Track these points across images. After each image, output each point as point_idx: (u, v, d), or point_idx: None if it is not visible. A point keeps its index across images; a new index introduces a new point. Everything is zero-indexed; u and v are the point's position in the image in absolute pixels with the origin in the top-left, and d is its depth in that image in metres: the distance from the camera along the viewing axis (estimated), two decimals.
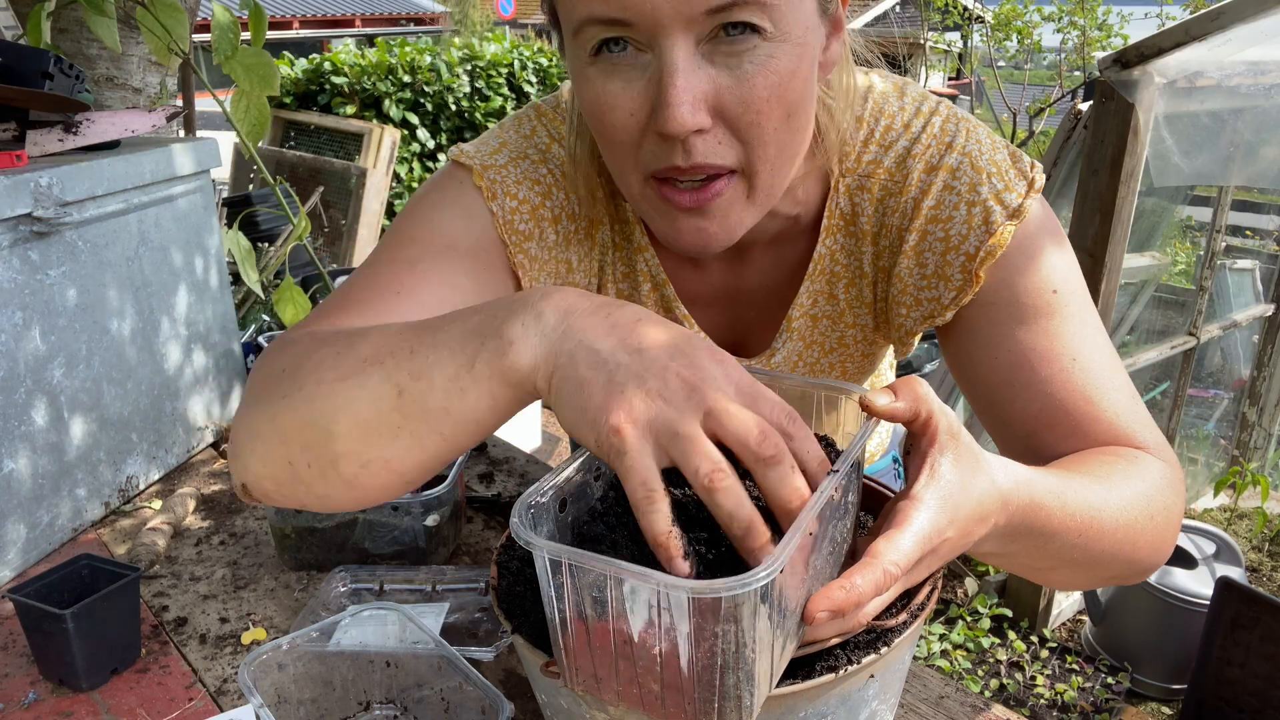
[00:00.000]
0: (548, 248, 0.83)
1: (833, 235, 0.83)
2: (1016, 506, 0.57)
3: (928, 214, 0.77)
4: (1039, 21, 6.57)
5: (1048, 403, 0.72)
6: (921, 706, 0.84)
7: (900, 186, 0.79)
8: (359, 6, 18.16)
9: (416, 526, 1.07)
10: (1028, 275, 0.74)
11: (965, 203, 0.75)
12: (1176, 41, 2.01)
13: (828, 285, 0.86)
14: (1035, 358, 0.73)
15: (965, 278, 0.76)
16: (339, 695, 0.83)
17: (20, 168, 1.08)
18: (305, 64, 6.12)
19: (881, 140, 0.79)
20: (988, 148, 0.77)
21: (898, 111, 0.79)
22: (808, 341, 0.90)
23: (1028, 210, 0.74)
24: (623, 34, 0.62)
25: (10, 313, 1.05)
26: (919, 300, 0.80)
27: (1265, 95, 2.40)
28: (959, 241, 0.76)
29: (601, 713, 0.55)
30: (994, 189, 0.75)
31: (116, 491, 1.24)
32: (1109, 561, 0.66)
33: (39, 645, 0.90)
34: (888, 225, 0.80)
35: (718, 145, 0.65)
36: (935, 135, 0.78)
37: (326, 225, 4.61)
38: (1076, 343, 0.73)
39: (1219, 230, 2.84)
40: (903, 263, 0.79)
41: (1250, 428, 3.36)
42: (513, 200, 0.80)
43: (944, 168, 0.76)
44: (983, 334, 0.76)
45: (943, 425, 0.53)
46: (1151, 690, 2.48)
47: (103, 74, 1.80)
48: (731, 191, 0.68)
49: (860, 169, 0.80)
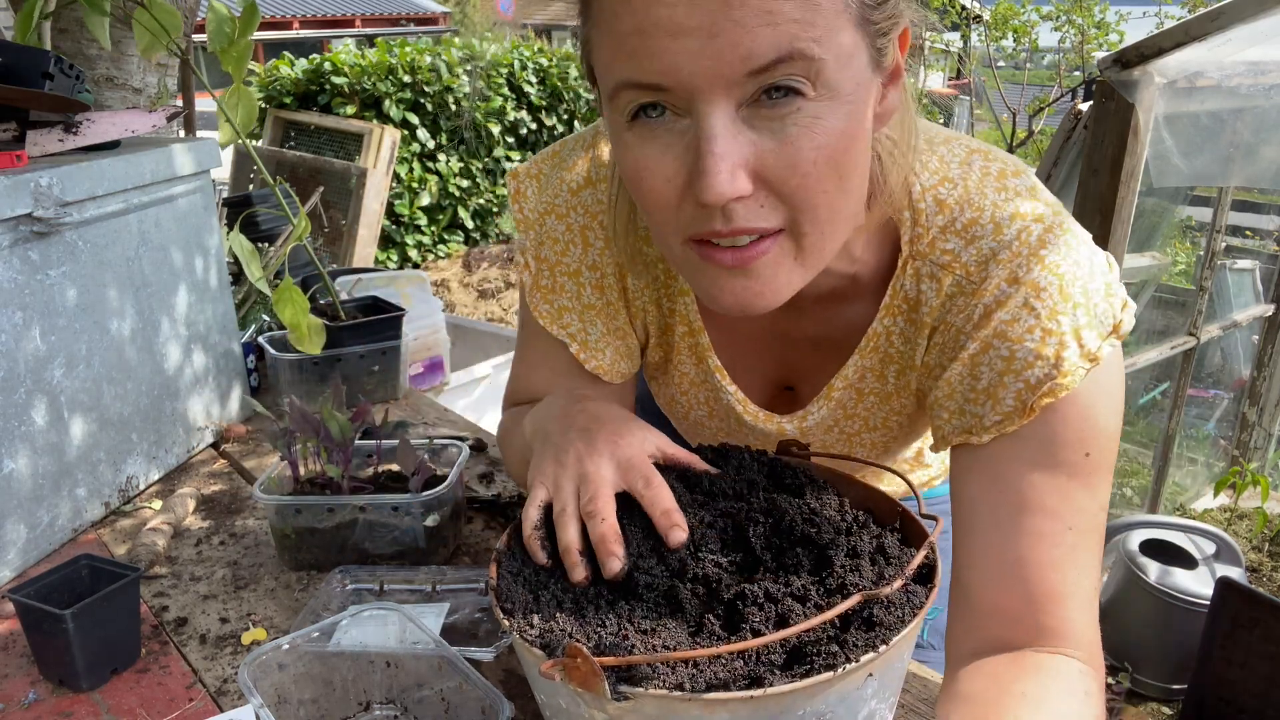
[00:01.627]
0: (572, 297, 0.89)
1: (893, 315, 0.78)
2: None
3: (998, 327, 0.70)
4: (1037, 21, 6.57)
5: (1021, 555, 0.69)
6: (922, 707, 0.84)
7: (975, 288, 0.72)
8: (359, 6, 18.16)
9: (416, 527, 1.07)
10: (1072, 429, 0.69)
11: (1042, 329, 0.68)
12: (1176, 41, 2.01)
13: (879, 364, 0.82)
14: (1035, 507, 0.69)
15: (1018, 406, 0.69)
16: (339, 695, 0.83)
17: (20, 168, 1.08)
18: (305, 64, 6.12)
19: (964, 233, 0.72)
20: (1084, 273, 0.69)
21: (990, 206, 0.72)
22: (848, 412, 0.86)
23: (1103, 357, 0.68)
24: (659, 99, 0.59)
25: (10, 313, 1.05)
26: (962, 411, 0.73)
27: (1265, 95, 2.40)
28: (1023, 367, 0.69)
29: (600, 712, 0.55)
30: (1076, 323, 0.68)
31: (116, 491, 1.24)
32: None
33: (39, 645, 0.90)
34: (949, 323, 0.74)
35: (760, 209, 0.61)
36: (1030, 245, 0.70)
37: (326, 225, 4.61)
38: (1080, 515, 0.69)
39: (1219, 230, 2.84)
40: (955, 369, 0.73)
41: (1250, 428, 3.36)
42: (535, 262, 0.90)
43: (1029, 283, 0.69)
44: (998, 463, 0.71)
45: None
46: (1151, 690, 2.48)
47: (103, 74, 1.80)
48: (778, 250, 0.64)
49: (933, 255, 0.74)
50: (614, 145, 0.66)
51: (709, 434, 0.98)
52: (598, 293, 0.89)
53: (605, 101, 0.64)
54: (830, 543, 0.65)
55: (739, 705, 0.53)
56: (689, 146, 0.60)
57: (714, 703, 0.52)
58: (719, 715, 0.53)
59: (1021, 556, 0.69)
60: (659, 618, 0.61)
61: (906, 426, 0.87)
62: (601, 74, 0.63)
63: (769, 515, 0.68)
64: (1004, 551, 0.70)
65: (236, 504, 1.26)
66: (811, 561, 0.64)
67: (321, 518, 1.06)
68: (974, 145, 0.77)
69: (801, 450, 0.80)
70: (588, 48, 0.66)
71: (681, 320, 0.88)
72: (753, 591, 0.61)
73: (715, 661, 0.56)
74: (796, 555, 0.64)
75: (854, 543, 0.65)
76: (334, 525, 1.06)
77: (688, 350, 0.90)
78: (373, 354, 1.52)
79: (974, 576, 0.71)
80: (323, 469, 1.10)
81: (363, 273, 2.36)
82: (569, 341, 0.90)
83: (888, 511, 0.72)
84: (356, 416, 1.10)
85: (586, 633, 0.59)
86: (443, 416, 1.55)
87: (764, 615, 0.59)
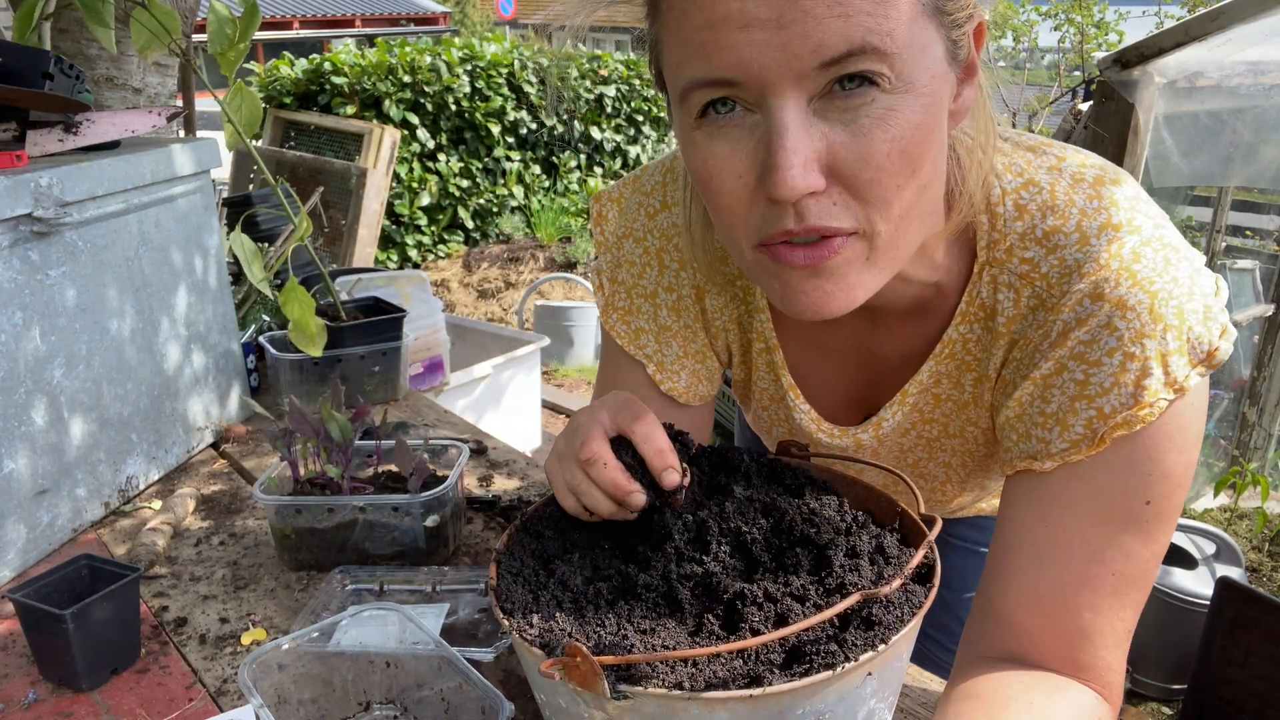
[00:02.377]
0: (649, 319, 0.90)
1: (969, 323, 0.75)
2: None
3: (1074, 348, 0.65)
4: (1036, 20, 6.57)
5: (1059, 591, 0.67)
6: (921, 711, 0.84)
7: (1054, 303, 0.67)
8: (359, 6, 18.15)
9: (416, 527, 1.07)
10: (1136, 470, 0.65)
11: (1124, 352, 0.63)
12: (1176, 41, 2.01)
13: (956, 370, 0.78)
14: (1079, 548, 0.66)
15: (1088, 435, 0.65)
16: (339, 695, 0.83)
17: (20, 168, 1.08)
18: (305, 64, 6.12)
19: (1046, 241, 0.68)
20: (1182, 292, 0.63)
21: (1077, 214, 0.67)
22: (925, 416, 0.83)
23: (1189, 388, 0.63)
24: (730, 94, 0.58)
25: (10, 313, 1.05)
26: (1028, 436, 0.69)
27: (1265, 95, 2.40)
28: (1097, 393, 0.64)
29: (600, 711, 0.55)
30: (1164, 348, 0.62)
31: (116, 491, 1.24)
32: None
33: (39, 645, 0.90)
34: (1027, 338, 0.70)
35: (833, 206, 0.59)
36: (1121, 259, 0.64)
37: (326, 225, 4.61)
38: (1128, 562, 0.66)
39: (1219, 230, 2.84)
40: (1025, 388, 0.69)
41: (1250, 428, 3.36)
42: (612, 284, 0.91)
43: (1114, 300, 0.64)
44: (1052, 493, 0.68)
45: None
46: (1151, 690, 2.48)
47: (103, 74, 1.80)
48: (849, 251, 0.61)
49: (1011, 264, 0.70)
50: (683, 147, 0.64)
51: None
52: (674, 315, 0.89)
53: (675, 104, 0.62)
54: (830, 543, 0.65)
55: (738, 704, 0.53)
56: (760, 142, 0.58)
57: (713, 701, 0.52)
58: (718, 714, 0.53)
59: (1058, 594, 0.67)
60: (658, 618, 0.61)
61: (985, 444, 0.83)
62: (671, 75, 0.62)
63: (768, 515, 0.68)
64: (1039, 584, 0.68)
65: (236, 504, 1.26)
66: (811, 561, 0.64)
67: (321, 518, 1.06)
68: (1070, 151, 0.72)
69: (801, 451, 0.80)
70: (656, 50, 0.64)
71: (759, 337, 0.87)
72: (752, 591, 0.61)
73: (714, 660, 0.56)
74: (796, 555, 0.64)
75: (853, 543, 0.65)
76: (334, 525, 1.06)
77: (765, 367, 0.89)
78: (373, 354, 1.52)
79: (1005, 599, 0.70)
80: (323, 469, 1.10)
81: (363, 273, 2.36)
82: (646, 362, 0.90)
83: (887, 511, 0.72)
84: (356, 417, 1.11)
85: (586, 632, 0.59)
86: (443, 418, 1.55)
87: (763, 615, 0.59)
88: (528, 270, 6.79)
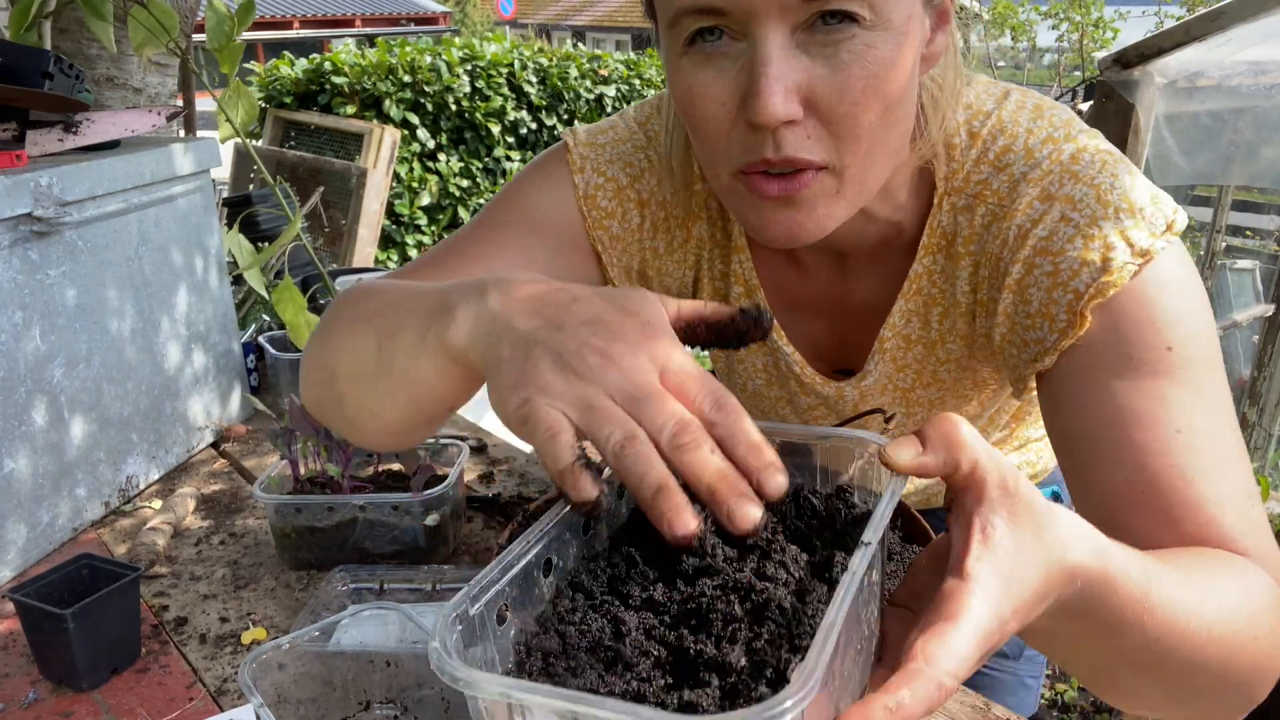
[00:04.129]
0: (630, 229, 0.85)
1: (931, 254, 0.77)
2: (1086, 580, 0.46)
3: (1036, 244, 0.68)
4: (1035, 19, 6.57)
5: (1137, 474, 0.62)
6: None
7: (1007, 211, 0.70)
8: (359, 6, 18.16)
9: (416, 526, 1.07)
10: (1140, 324, 0.64)
11: (1082, 236, 0.66)
12: (1176, 41, 2.01)
13: (922, 307, 0.80)
14: (1131, 419, 0.63)
15: (1069, 318, 0.66)
16: (339, 695, 0.83)
17: (20, 168, 1.08)
18: (305, 64, 6.12)
19: (996, 161, 0.72)
20: (1124, 183, 0.67)
21: (1024, 134, 0.71)
22: (899, 365, 0.84)
23: (1157, 252, 0.64)
24: (717, 23, 0.60)
25: (10, 313, 1.05)
26: (1025, 341, 0.70)
27: (1265, 95, 2.40)
28: (1068, 277, 0.66)
29: None
30: (1120, 225, 0.65)
31: (116, 491, 1.24)
32: (1191, 681, 0.55)
33: (39, 645, 0.90)
34: (988, 252, 0.72)
35: (807, 139, 0.62)
36: (1061, 162, 0.69)
37: (327, 225, 4.61)
38: (1186, 415, 0.62)
39: (1219, 230, 2.84)
40: (1006, 298, 0.71)
41: (1250, 428, 3.36)
42: (599, 176, 0.83)
43: (1063, 197, 0.68)
44: (1076, 381, 0.67)
45: (992, 477, 0.43)
46: None
47: (103, 74, 1.80)
48: (819, 185, 0.64)
49: (968, 189, 0.73)
50: (669, 74, 0.66)
51: (768, 404, 0.95)
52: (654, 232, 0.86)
53: (664, 31, 0.64)
54: None
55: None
56: (743, 69, 0.61)
57: None
58: None
59: (1138, 478, 0.62)
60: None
61: (959, 377, 0.83)
62: (661, 4, 0.64)
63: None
64: (1114, 477, 0.63)
65: (236, 504, 1.26)
66: None
67: (321, 517, 1.06)
68: (1015, 87, 0.76)
69: None
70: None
71: (738, 280, 0.86)
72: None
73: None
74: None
75: None
76: (334, 524, 1.06)
77: None
78: None
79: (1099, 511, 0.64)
80: (323, 468, 1.10)
81: (363, 273, 2.35)
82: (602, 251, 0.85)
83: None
84: None
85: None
86: None
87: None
88: None
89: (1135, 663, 0.53)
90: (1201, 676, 0.55)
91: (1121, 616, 0.48)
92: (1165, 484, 0.61)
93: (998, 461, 0.44)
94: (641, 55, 8.07)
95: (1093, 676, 0.57)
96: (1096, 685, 0.59)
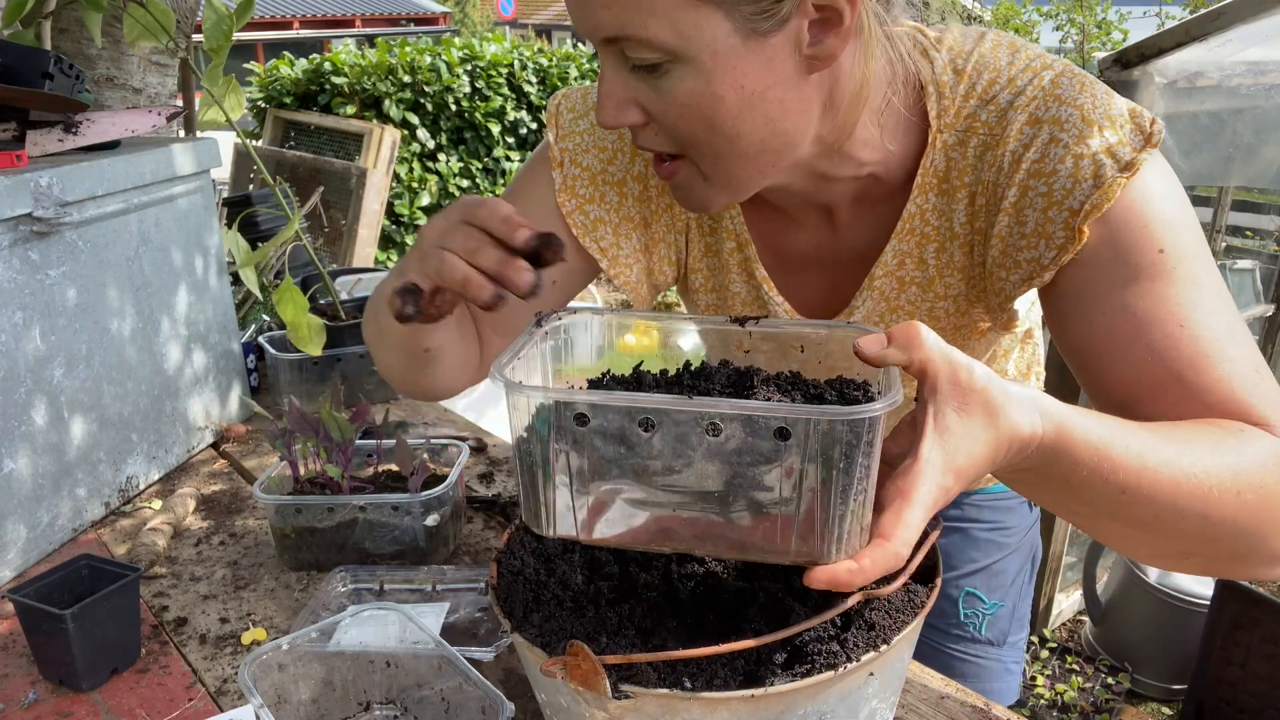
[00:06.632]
0: (611, 208, 0.91)
1: (925, 194, 0.81)
2: (1040, 446, 0.56)
3: (1030, 168, 0.72)
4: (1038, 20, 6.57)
5: (1147, 371, 0.68)
6: (922, 707, 0.84)
7: (999, 139, 0.74)
8: (359, 6, 18.15)
9: (416, 526, 1.07)
10: (1133, 232, 0.69)
11: (1072, 155, 0.70)
12: (1177, 41, 2.01)
13: (917, 247, 0.83)
14: (1136, 321, 0.68)
15: (1067, 234, 0.71)
16: (339, 695, 0.83)
17: (20, 168, 1.08)
18: (305, 64, 6.12)
19: (984, 94, 0.76)
20: (1103, 102, 0.71)
21: (1005, 66, 0.76)
22: (891, 305, 0.87)
23: (1141, 164, 0.69)
24: None
25: (10, 313, 1.05)
26: (1018, 262, 0.75)
27: (1265, 95, 2.40)
28: (1063, 196, 0.71)
29: (601, 710, 0.55)
30: (1105, 142, 0.70)
31: (116, 491, 1.24)
32: (1175, 528, 0.62)
33: (39, 645, 0.90)
34: (984, 181, 0.76)
35: (655, 136, 0.72)
36: (1044, 88, 0.73)
37: (327, 225, 4.61)
38: (1186, 309, 0.67)
39: (1219, 230, 2.84)
40: (1001, 221, 0.75)
41: None
42: (575, 168, 0.91)
43: (1050, 120, 0.72)
44: (1081, 295, 0.71)
45: (944, 372, 0.54)
46: (1151, 690, 2.48)
47: (103, 74, 1.80)
48: (685, 172, 0.74)
49: (959, 124, 0.77)
50: None
51: None
52: (640, 205, 0.92)
53: None
54: None
55: (740, 704, 0.53)
56: None
57: (715, 701, 0.52)
58: (720, 714, 0.53)
59: (1151, 372, 0.67)
60: (659, 617, 0.61)
61: (959, 320, 0.86)
62: None
63: None
64: (1129, 375, 0.69)
65: (236, 504, 1.26)
66: None
67: (321, 517, 1.06)
68: (989, 29, 0.81)
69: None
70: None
71: (729, 235, 0.91)
72: (752, 590, 0.61)
73: (715, 660, 0.56)
74: None
75: None
76: (334, 525, 1.06)
77: (738, 267, 0.92)
78: None
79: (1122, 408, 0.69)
80: (323, 469, 1.10)
81: (363, 273, 2.36)
82: (599, 257, 0.92)
83: None
84: (356, 416, 1.11)
85: (587, 631, 0.59)
86: (443, 416, 1.55)
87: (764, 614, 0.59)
88: None
89: (1110, 512, 0.61)
90: (1185, 524, 0.61)
91: (1078, 472, 0.58)
92: (1176, 376, 0.67)
93: (950, 359, 0.54)
94: None
95: (1081, 524, 0.67)
96: (1091, 533, 0.69)
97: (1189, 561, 0.68)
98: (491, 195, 6.95)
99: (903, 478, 0.52)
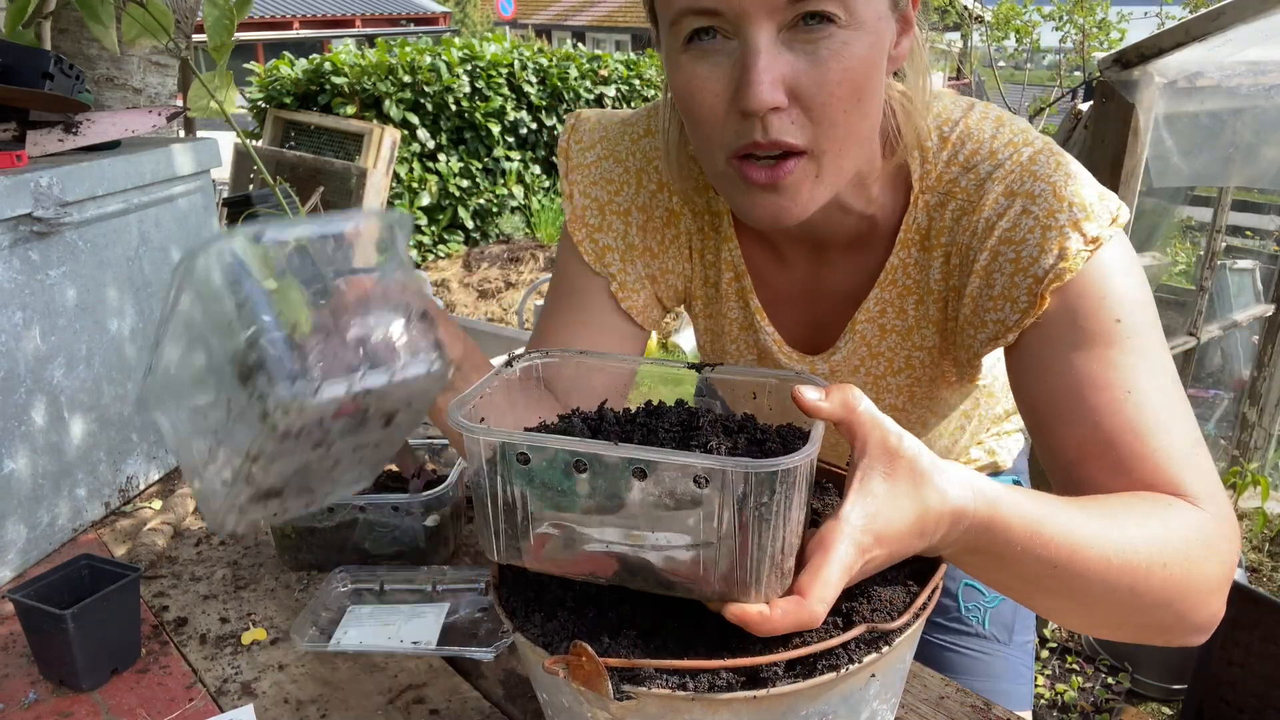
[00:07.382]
0: (618, 236, 0.95)
1: (906, 248, 0.85)
2: (972, 522, 0.58)
3: (1001, 235, 0.77)
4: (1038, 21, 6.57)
5: (1093, 433, 0.71)
6: (922, 707, 0.84)
7: (975, 206, 0.79)
8: (359, 6, 18.16)
9: (416, 527, 1.07)
10: (1091, 300, 0.73)
11: (1041, 227, 0.75)
12: (1176, 41, 2.01)
13: (898, 298, 0.87)
14: (1087, 384, 0.72)
15: (1030, 299, 0.75)
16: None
17: (20, 168, 1.08)
18: (305, 64, 6.12)
19: (965, 163, 0.81)
20: (1076, 183, 0.76)
21: (988, 139, 0.80)
22: (872, 350, 0.91)
23: (1105, 241, 0.73)
24: (712, 23, 0.68)
25: (10, 313, 1.05)
26: (985, 322, 0.79)
27: (1265, 95, 2.40)
28: (1029, 263, 0.75)
29: (603, 711, 0.55)
30: (1073, 217, 0.74)
31: (116, 491, 1.24)
32: (1105, 601, 0.65)
33: (39, 645, 0.90)
34: (959, 243, 0.81)
35: (791, 125, 0.70)
36: (1021, 164, 0.77)
37: None
38: (1135, 376, 0.71)
39: (1219, 230, 2.84)
40: (973, 282, 0.79)
41: (1250, 428, 3.36)
42: (585, 199, 0.95)
43: (1024, 193, 0.76)
44: (1039, 356, 0.76)
45: (874, 436, 0.56)
46: (1151, 690, 2.48)
47: (103, 74, 1.80)
48: (801, 170, 0.72)
49: (940, 187, 0.82)
50: (669, 70, 0.75)
51: None
52: (643, 234, 0.95)
53: (665, 30, 0.73)
54: None
55: (742, 705, 0.53)
56: (736, 64, 0.69)
57: (717, 702, 0.52)
58: (722, 715, 0.53)
59: (1094, 434, 0.71)
60: (659, 617, 0.61)
61: (932, 372, 0.91)
62: (662, 7, 0.72)
63: None
64: (1074, 432, 0.72)
65: None
66: None
67: (321, 518, 1.06)
68: (977, 101, 0.86)
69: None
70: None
71: (728, 266, 0.95)
72: None
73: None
74: None
75: None
76: (334, 525, 1.06)
77: (735, 295, 0.96)
78: None
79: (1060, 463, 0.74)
80: None
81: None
82: (609, 280, 0.95)
83: None
84: None
85: (589, 631, 0.59)
86: None
87: None
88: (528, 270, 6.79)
89: (1043, 587, 0.64)
90: (1113, 597, 0.64)
91: (1012, 548, 0.60)
92: (1118, 439, 0.70)
93: (880, 424, 0.56)
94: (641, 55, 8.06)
95: (1016, 597, 0.70)
96: (1027, 605, 0.72)
97: (1121, 631, 0.70)
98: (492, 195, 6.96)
99: (823, 535, 0.54)
